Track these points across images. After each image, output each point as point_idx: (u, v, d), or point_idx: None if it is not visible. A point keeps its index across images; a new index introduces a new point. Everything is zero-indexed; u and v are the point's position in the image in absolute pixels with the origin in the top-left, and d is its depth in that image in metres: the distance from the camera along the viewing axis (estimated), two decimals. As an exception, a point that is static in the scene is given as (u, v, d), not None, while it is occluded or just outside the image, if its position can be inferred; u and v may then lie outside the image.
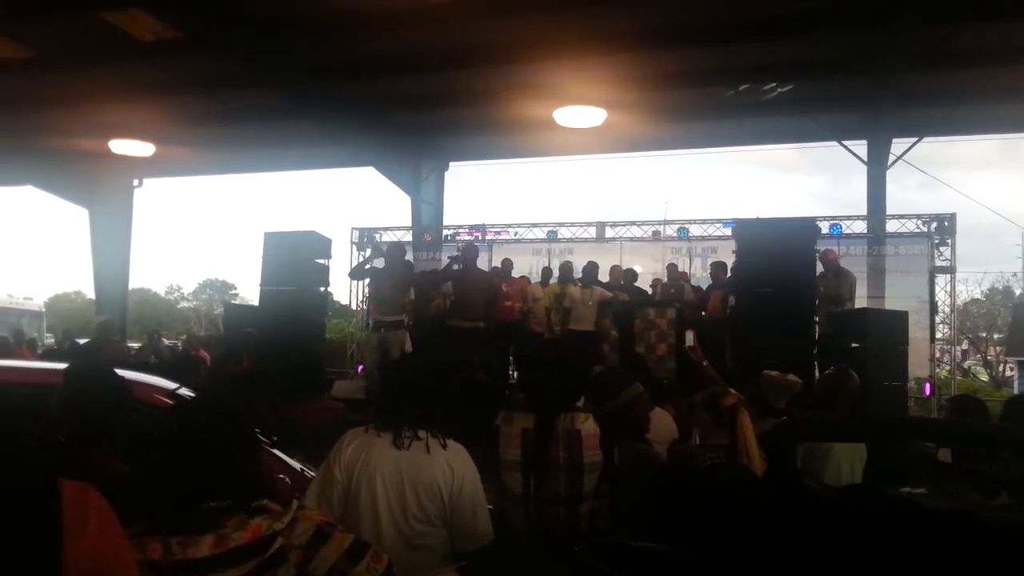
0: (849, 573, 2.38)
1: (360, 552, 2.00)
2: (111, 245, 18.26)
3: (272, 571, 1.91)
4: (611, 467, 3.38)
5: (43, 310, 25.40)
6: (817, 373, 7.54)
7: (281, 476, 3.45)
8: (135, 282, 47.44)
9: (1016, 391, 22.81)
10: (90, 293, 24.61)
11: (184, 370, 5.53)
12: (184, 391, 3.78)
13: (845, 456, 4.03)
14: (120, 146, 14.36)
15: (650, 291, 12.39)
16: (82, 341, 13.22)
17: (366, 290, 13.33)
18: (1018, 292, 36.47)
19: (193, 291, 57.59)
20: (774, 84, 11.42)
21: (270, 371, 6.25)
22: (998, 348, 33.51)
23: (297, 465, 4.01)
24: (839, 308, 9.83)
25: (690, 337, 7.27)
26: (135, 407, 2.87)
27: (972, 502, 2.92)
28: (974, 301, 36.36)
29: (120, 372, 3.03)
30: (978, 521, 2.69)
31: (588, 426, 3.21)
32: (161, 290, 55.97)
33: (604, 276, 11.85)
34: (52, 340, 20.30)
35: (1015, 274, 33.85)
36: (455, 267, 9.75)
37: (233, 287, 55.57)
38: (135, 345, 16.08)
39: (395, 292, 8.90)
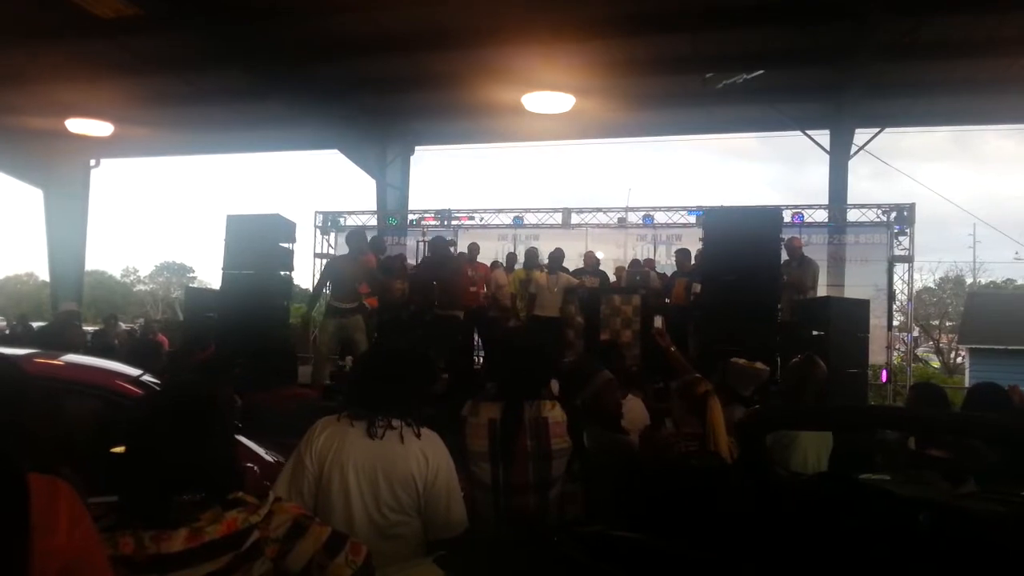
0: (821, 560, 2.40)
1: (338, 545, 1.96)
2: (67, 226, 17.80)
3: (247, 565, 1.86)
4: (582, 451, 3.39)
5: (-8, 292, 24.74)
6: (780, 361, 7.62)
7: (249, 465, 3.38)
8: (91, 264, 46.54)
9: (967, 378, 23.39)
10: (43, 275, 24.08)
11: (144, 355, 5.41)
12: (148, 378, 3.69)
13: (812, 444, 4.08)
14: (77, 125, 14.00)
15: (614, 278, 12.43)
16: (37, 325, 12.91)
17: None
18: (969, 281, 37.43)
19: (150, 274, 56.65)
20: (742, 73, 11.47)
21: (237, 357, 6.15)
22: (950, 336, 34.31)
23: (266, 454, 3.95)
24: (802, 296, 9.96)
25: (658, 321, 7.32)
26: (98, 394, 2.79)
27: (940, 490, 2.96)
28: (927, 290, 37.19)
29: (70, 357, 2.94)
30: (947, 509, 2.73)
31: (555, 414, 3.22)
32: (117, 273, 54.95)
33: (572, 262, 11.86)
34: (3, 323, 19.81)
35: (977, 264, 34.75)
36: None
37: (191, 270, 54.76)
38: (92, 329, 15.73)
39: (353, 279, 8.83)
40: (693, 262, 11.07)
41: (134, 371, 3.67)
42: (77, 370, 3.37)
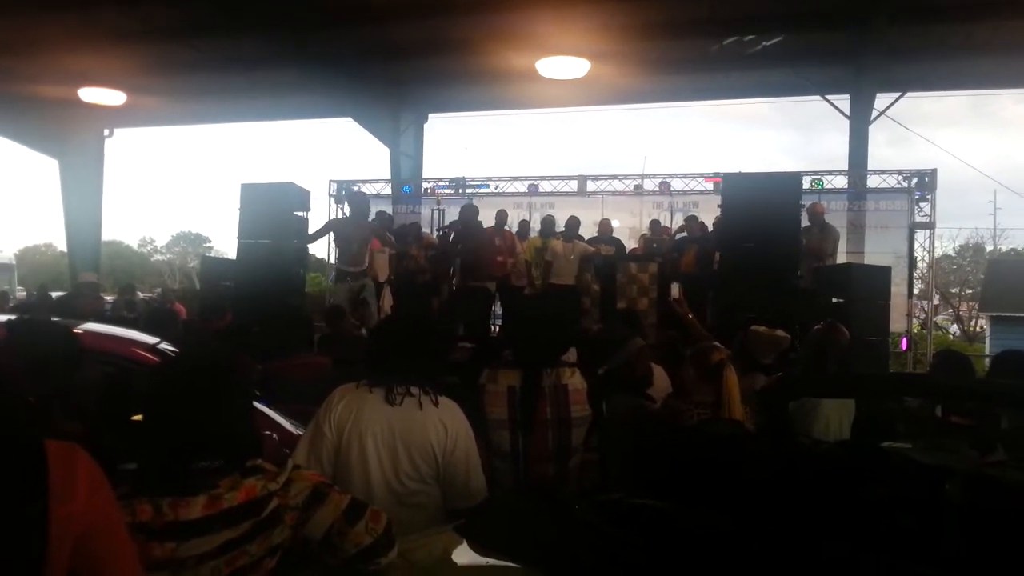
0: (844, 528, 2.36)
1: (358, 512, 1.94)
2: (82, 196, 17.87)
3: (267, 532, 1.85)
4: (601, 420, 3.36)
5: (13, 263, 24.96)
6: (799, 328, 7.54)
7: (268, 432, 3.38)
8: (108, 235, 46.76)
9: (988, 346, 23.21)
10: (61, 245, 24.18)
11: (160, 324, 5.40)
12: (165, 346, 3.68)
13: (834, 411, 4.03)
14: (90, 94, 13.96)
15: (633, 245, 12.34)
16: (56, 295, 12.99)
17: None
18: (990, 248, 36.99)
19: (166, 244, 56.79)
20: (760, 37, 11.26)
21: (254, 325, 6.14)
22: (970, 303, 34.00)
23: (284, 421, 3.95)
24: (821, 263, 9.86)
25: (675, 289, 7.23)
26: (116, 363, 2.78)
27: (969, 458, 2.91)
28: (946, 257, 36.73)
29: (88, 326, 2.92)
30: (975, 477, 2.68)
31: (575, 381, 3.18)
32: (134, 243, 55.18)
33: (587, 230, 11.77)
34: (24, 294, 19.97)
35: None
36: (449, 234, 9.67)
37: (208, 240, 54.85)
38: (110, 299, 15.82)
39: (360, 243, 8.83)
40: (707, 229, 10.97)
41: (150, 339, 3.66)
42: (93, 338, 3.35)
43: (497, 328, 10.78)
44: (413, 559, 1.95)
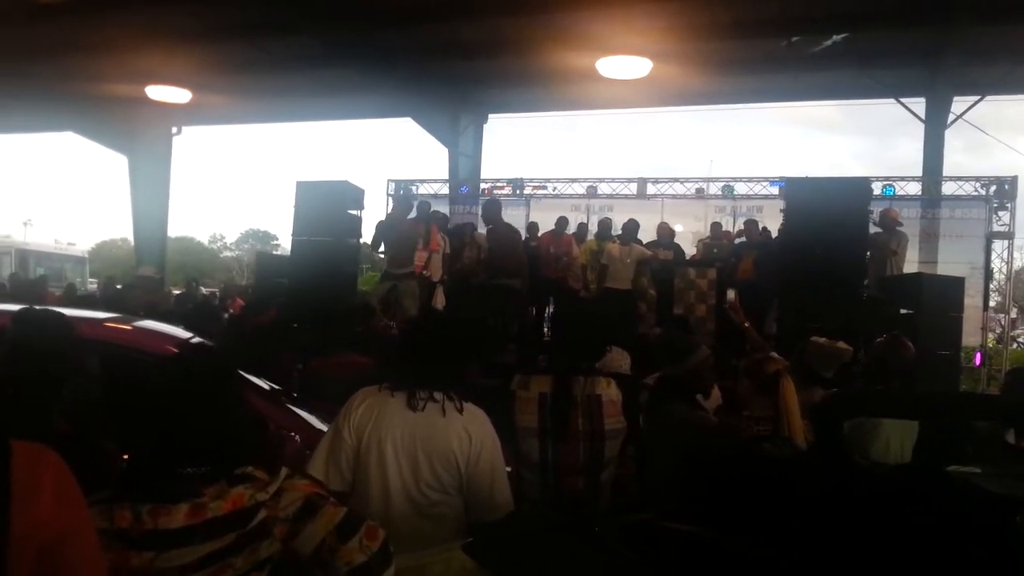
0: (901, 560, 2.14)
1: (352, 528, 1.79)
2: (150, 192, 18.29)
3: (254, 545, 1.72)
4: (638, 433, 3.18)
5: (86, 256, 25.79)
6: (863, 340, 7.19)
7: (292, 434, 3.27)
8: (178, 230, 48.04)
9: (1069, 363, 22.08)
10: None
11: (202, 319, 5.38)
12: (195, 340, 3.61)
13: (895, 432, 3.76)
14: (157, 92, 14.27)
15: (692, 251, 12.04)
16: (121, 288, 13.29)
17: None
18: (1075, 261, 35.25)
19: (235, 241, 58.22)
20: (831, 36, 10.84)
21: (297, 323, 6.10)
22: (1051, 318, 32.48)
23: (316, 422, 3.85)
24: (886, 264, 9.43)
25: (732, 295, 6.95)
26: (125, 354, 2.71)
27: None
28: (1027, 269, 35.17)
29: (94, 314, 2.84)
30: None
31: (610, 392, 3.00)
32: (204, 239, 56.66)
33: (647, 234, 11.52)
34: (94, 286, 20.59)
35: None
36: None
37: (275, 237, 55.95)
38: (177, 292, 16.18)
39: (403, 245, 8.77)
40: (765, 234, 10.65)
41: (172, 331, 3.60)
42: (98, 328, 3.31)
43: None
44: (415, 581, 1.80)
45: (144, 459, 1.74)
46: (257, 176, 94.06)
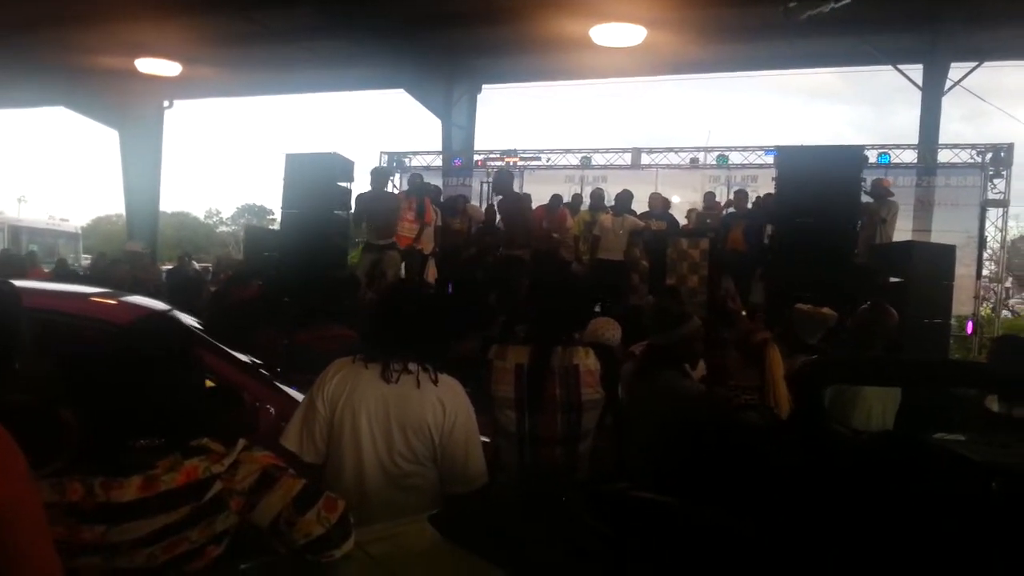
0: (881, 530, 2.12)
1: (310, 500, 1.76)
2: (142, 167, 18.17)
3: (210, 518, 1.69)
4: (616, 404, 3.16)
5: (79, 232, 25.68)
6: (853, 309, 7.16)
7: (267, 407, 3.25)
8: (174, 205, 47.91)
9: (1064, 331, 22.10)
10: (129, 216, 24.74)
11: (184, 292, 5.33)
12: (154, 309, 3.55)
13: (877, 399, 3.74)
14: (147, 65, 14.14)
15: (684, 221, 11.98)
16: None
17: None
18: (1073, 229, 35.15)
19: (231, 215, 57.98)
20: (828, 1, 10.68)
21: (286, 296, 6.06)
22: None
23: (297, 395, 3.82)
24: (875, 233, 9.40)
25: (729, 283, 6.90)
26: (89, 326, 2.66)
27: (1020, 455, 2.62)
28: (1023, 238, 35.05)
29: (49, 285, 2.79)
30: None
31: (588, 362, 2.97)
32: (200, 214, 56.46)
33: (641, 204, 11.44)
34: (88, 262, 20.51)
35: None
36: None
37: (271, 212, 55.63)
38: (168, 267, 16.11)
39: (384, 216, 8.71)
40: (751, 205, 10.61)
41: (140, 303, 3.56)
42: (48, 298, 3.27)
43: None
44: (374, 552, 1.77)
45: (96, 431, 1.70)
46: (252, 150, 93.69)
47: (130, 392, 1.71)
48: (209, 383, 3.30)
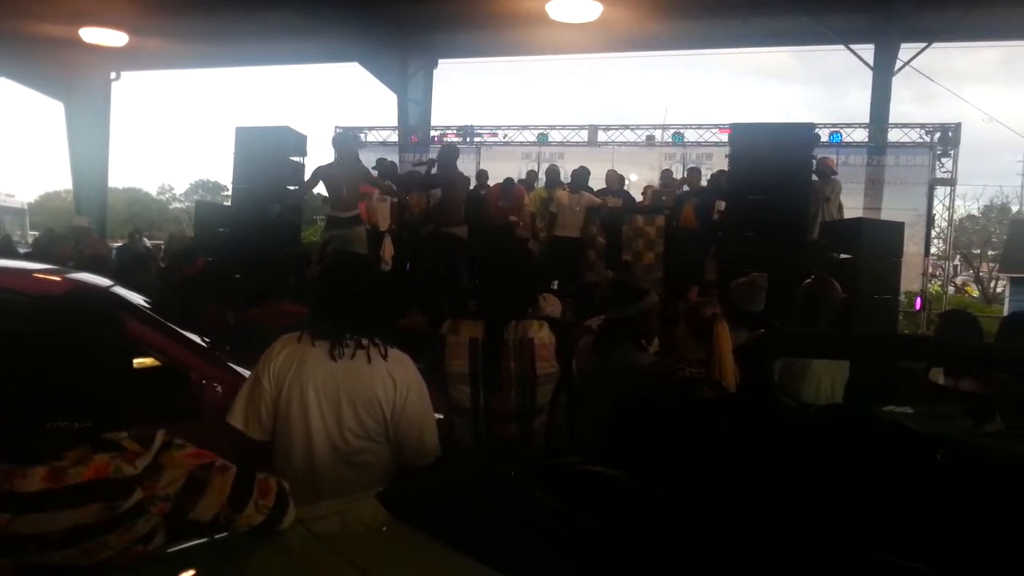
0: (828, 500, 2.14)
1: (244, 493, 1.71)
2: (89, 140, 17.65)
3: (128, 524, 1.61)
4: (570, 380, 3.15)
5: (25, 208, 24.92)
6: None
7: (214, 385, 3.18)
8: (125, 181, 46.74)
9: (1007, 307, 22.74)
10: (79, 192, 24.06)
11: (131, 268, 5.19)
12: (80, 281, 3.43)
13: (825, 373, 3.79)
14: (92, 35, 13.69)
15: (641, 198, 12.01)
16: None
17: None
18: (1016, 209, 36.14)
19: (185, 191, 56.74)
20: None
21: (233, 272, 5.93)
22: (991, 265, 33.38)
23: (245, 372, 3.75)
24: (819, 211, 9.54)
25: (694, 294, 6.90)
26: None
27: (963, 427, 2.67)
28: (970, 217, 35.94)
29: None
30: (965, 447, 2.46)
31: (542, 335, 2.94)
32: (153, 190, 55.22)
33: (597, 182, 11.44)
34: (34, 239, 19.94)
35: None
36: (423, 170, 9.39)
37: (225, 188, 54.52)
38: (117, 244, 15.72)
39: (349, 188, 8.54)
40: (704, 182, 10.68)
41: (65, 274, 3.45)
42: None
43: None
44: (319, 530, 1.74)
45: (4, 413, 1.60)
46: (205, 124, 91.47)
47: (44, 371, 1.60)
48: (153, 361, 3.23)
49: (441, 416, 3.01)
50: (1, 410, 1.60)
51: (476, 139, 14.71)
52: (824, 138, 12.60)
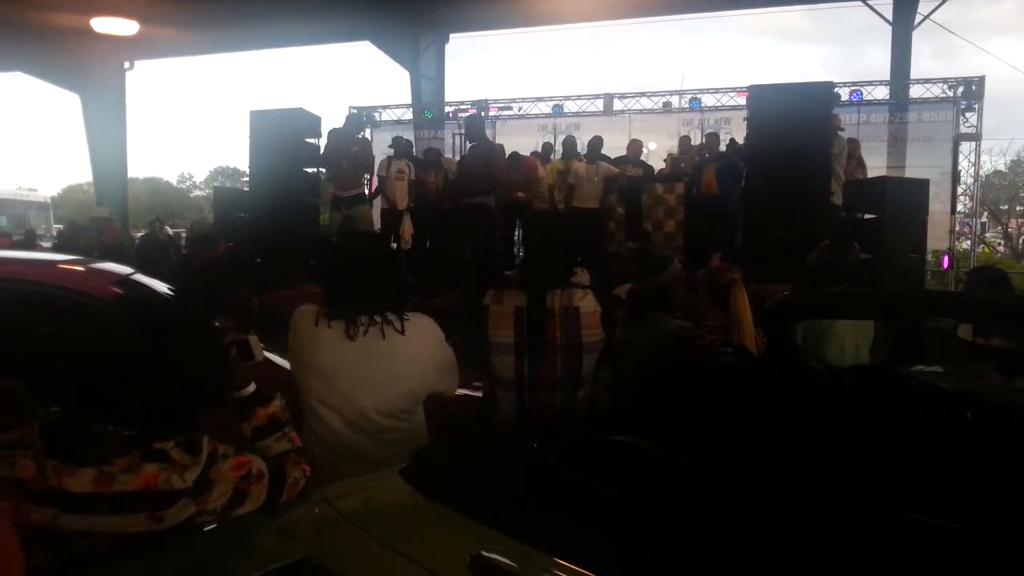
0: (854, 463, 2.11)
1: (275, 499, 1.75)
2: (106, 131, 17.74)
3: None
4: (612, 350, 3.14)
5: (48, 201, 25.19)
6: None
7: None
8: (146, 171, 47.06)
9: (1036, 262, 22.36)
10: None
11: (152, 256, 5.22)
12: (138, 279, 3.45)
13: (849, 334, 3.74)
14: (103, 24, 13.71)
15: (663, 166, 11.89)
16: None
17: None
18: (1044, 162, 35.37)
19: (205, 179, 57.08)
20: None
21: (253, 256, 5.95)
22: (1019, 220, 32.79)
23: (275, 358, 3.75)
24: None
25: (716, 259, 6.82)
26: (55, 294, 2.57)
27: (993, 384, 2.62)
28: (996, 173, 35.25)
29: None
30: (995, 404, 2.41)
31: (587, 303, 2.92)
32: (173, 179, 55.62)
33: (617, 152, 11.31)
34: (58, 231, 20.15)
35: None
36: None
37: (244, 174, 54.81)
38: (140, 234, 15.84)
39: (352, 166, 8.53)
40: (723, 147, 10.53)
41: (120, 270, 3.45)
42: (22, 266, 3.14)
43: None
44: (342, 508, 1.73)
45: (60, 412, 1.61)
46: (221, 111, 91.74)
47: (105, 374, 1.60)
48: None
49: (478, 392, 3.02)
50: (54, 406, 1.61)
51: (491, 113, 14.59)
52: (844, 97, 12.38)
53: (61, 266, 3.33)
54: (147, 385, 1.63)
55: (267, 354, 3.66)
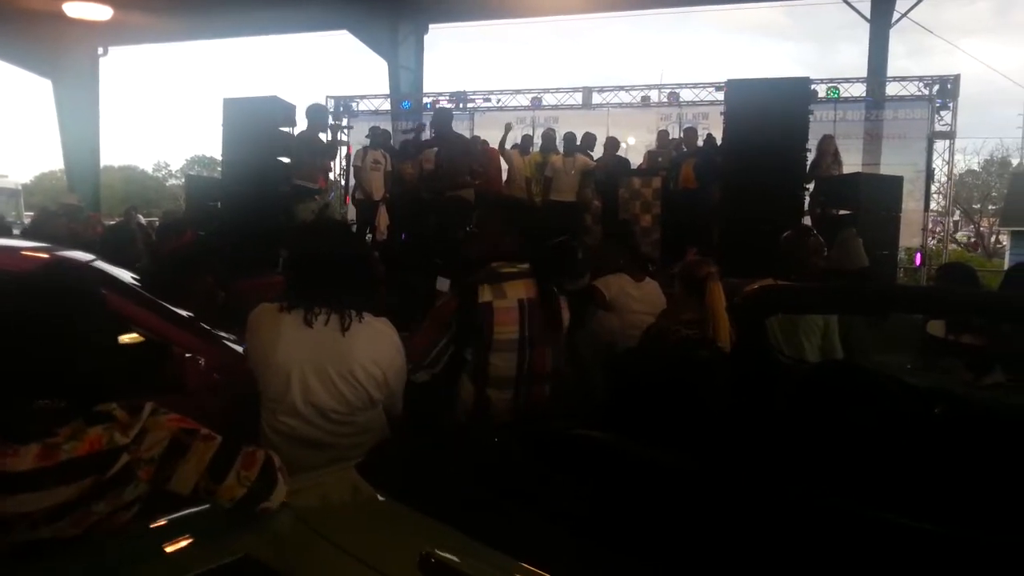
0: (823, 457, 2.09)
1: (226, 463, 1.65)
2: (79, 118, 17.42)
3: (117, 490, 1.56)
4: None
5: (19, 188, 24.80)
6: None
7: (197, 358, 3.10)
8: (122, 159, 46.47)
9: (1007, 261, 22.63)
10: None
11: (119, 244, 5.11)
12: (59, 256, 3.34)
13: (819, 329, 3.72)
14: (75, 9, 13.44)
15: (641, 162, 11.87)
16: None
17: (343, 162, 12.68)
18: (1016, 162, 35.87)
19: (181, 168, 56.44)
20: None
21: (218, 245, 5.86)
22: (991, 219, 33.21)
23: (237, 346, 3.68)
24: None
25: (691, 255, 6.80)
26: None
27: (962, 380, 2.61)
28: (970, 172, 35.71)
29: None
30: (964, 401, 2.40)
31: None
32: (149, 167, 55.01)
33: (596, 149, 11.27)
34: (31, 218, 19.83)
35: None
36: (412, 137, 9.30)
37: (219, 162, 54.40)
38: (112, 222, 15.60)
39: (317, 157, 8.54)
40: (701, 143, 10.51)
41: (44, 249, 3.36)
42: None
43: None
44: (296, 504, 1.68)
45: None
46: (197, 99, 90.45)
47: (29, 348, 1.55)
48: (136, 336, 3.15)
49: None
50: None
51: (469, 105, 14.51)
52: (821, 94, 12.44)
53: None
54: (75, 353, 1.59)
55: (226, 341, 3.62)
